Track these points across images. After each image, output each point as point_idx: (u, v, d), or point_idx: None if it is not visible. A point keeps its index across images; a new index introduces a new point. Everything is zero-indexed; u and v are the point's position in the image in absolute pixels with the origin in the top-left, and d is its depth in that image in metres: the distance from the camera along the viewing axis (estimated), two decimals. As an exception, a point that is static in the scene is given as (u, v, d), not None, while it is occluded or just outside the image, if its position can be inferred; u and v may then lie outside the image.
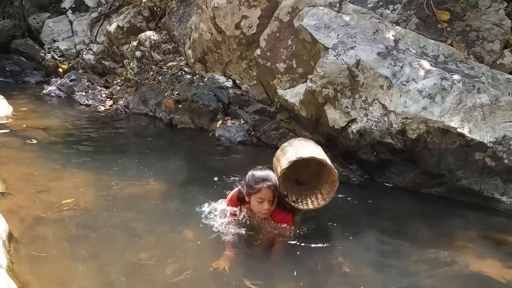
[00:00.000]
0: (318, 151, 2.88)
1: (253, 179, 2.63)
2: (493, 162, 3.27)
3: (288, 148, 2.93)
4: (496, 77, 3.66)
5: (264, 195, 2.60)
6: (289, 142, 3.09)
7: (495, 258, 2.68)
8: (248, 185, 2.64)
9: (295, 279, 2.41)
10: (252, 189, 2.61)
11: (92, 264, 2.47)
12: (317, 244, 2.75)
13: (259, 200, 2.62)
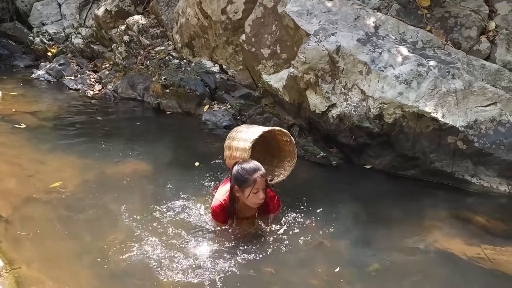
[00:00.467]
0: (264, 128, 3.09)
1: (245, 172, 2.62)
2: (464, 145, 3.41)
3: (239, 134, 3.08)
4: (471, 63, 3.78)
5: (259, 185, 2.60)
6: (235, 130, 3.24)
7: (461, 236, 2.84)
8: (241, 180, 2.62)
9: (276, 255, 2.55)
10: (247, 183, 2.60)
11: (76, 244, 2.61)
12: (297, 222, 2.90)
13: (254, 191, 2.61)
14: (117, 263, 2.41)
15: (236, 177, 2.64)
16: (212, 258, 2.48)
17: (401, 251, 2.74)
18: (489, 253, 2.59)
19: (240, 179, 2.62)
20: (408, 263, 2.64)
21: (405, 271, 2.54)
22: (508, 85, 3.62)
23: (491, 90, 3.47)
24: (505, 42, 3.89)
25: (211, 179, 3.47)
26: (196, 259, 2.46)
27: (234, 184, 2.66)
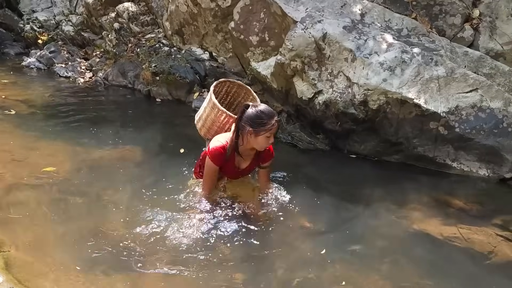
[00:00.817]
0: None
1: (264, 116, 2.57)
2: (446, 130, 3.50)
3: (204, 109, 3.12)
4: (455, 50, 3.84)
5: (273, 130, 2.62)
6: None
7: (438, 218, 2.93)
8: (258, 123, 2.56)
9: (261, 237, 2.62)
10: (264, 126, 2.56)
11: (65, 227, 2.66)
12: (283, 205, 2.97)
13: (268, 135, 2.61)
14: (105, 246, 2.47)
15: (254, 119, 2.57)
16: (197, 241, 2.55)
17: (382, 232, 2.83)
18: (465, 232, 2.69)
19: (258, 122, 2.56)
20: (389, 243, 2.72)
21: (385, 251, 2.62)
22: (489, 71, 3.69)
23: (472, 77, 3.55)
24: (488, 30, 3.95)
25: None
26: (183, 241, 2.53)
27: (247, 127, 2.59)
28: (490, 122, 3.42)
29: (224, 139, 2.75)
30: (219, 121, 2.99)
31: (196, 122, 3.21)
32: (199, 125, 3.18)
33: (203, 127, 3.13)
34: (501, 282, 2.30)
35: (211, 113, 3.00)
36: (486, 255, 2.51)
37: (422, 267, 2.45)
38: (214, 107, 2.95)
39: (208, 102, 3.05)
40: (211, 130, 3.07)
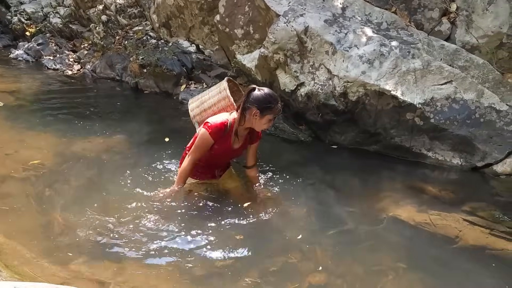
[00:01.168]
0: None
1: (272, 99, 2.69)
2: (421, 121, 3.63)
3: (205, 97, 3.19)
4: (432, 44, 3.97)
5: (278, 113, 2.76)
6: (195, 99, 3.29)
7: (411, 204, 3.07)
8: (265, 106, 2.66)
9: (243, 223, 2.72)
10: (271, 109, 2.67)
11: (51, 216, 2.74)
12: (264, 193, 3.08)
13: (271, 118, 2.72)
14: (93, 236, 2.54)
15: (261, 101, 2.66)
16: (181, 228, 2.65)
17: (358, 218, 2.95)
18: (434, 218, 2.83)
19: (266, 106, 2.66)
20: (363, 229, 2.84)
21: (360, 236, 2.74)
22: (464, 64, 3.82)
23: (447, 69, 3.68)
24: (464, 23, 4.07)
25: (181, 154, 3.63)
26: (167, 229, 2.62)
27: (254, 108, 2.67)
28: (463, 113, 3.56)
29: (224, 117, 2.80)
30: (219, 105, 3.05)
31: (191, 102, 3.24)
32: (193, 104, 3.19)
33: (197, 108, 3.16)
34: (464, 264, 2.44)
35: (215, 96, 3.06)
36: (453, 239, 2.65)
37: (395, 251, 2.57)
38: (221, 91, 3.03)
39: (217, 86, 3.13)
40: (205, 112, 3.10)
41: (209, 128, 2.73)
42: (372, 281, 2.28)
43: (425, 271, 2.38)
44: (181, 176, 2.86)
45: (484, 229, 2.70)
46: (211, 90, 3.17)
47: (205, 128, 2.75)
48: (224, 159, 3.10)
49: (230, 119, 2.79)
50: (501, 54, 3.99)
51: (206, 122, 2.78)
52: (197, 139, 2.80)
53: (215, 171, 3.11)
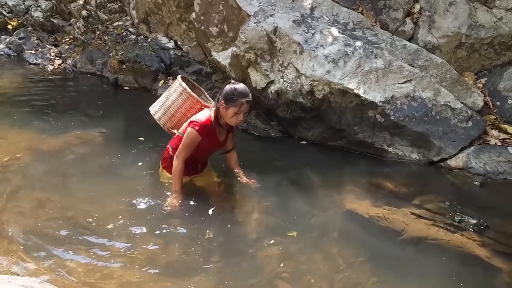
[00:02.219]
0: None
1: (236, 93, 2.82)
2: (382, 118, 3.83)
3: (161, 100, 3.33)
4: (394, 44, 4.15)
5: (243, 109, 2.85)
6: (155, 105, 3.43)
7: (368, 199, 3.25)
8: (229, 99, 2.82)
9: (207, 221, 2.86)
10: (234, 103, 2.81)
11: (31, 209, 2.90)
12: (229, 189, 3.28)
13: (238, 112, 2.85)
14: (69, 229, 2.69)
15: (226, 95, 2.83)
16: (156, 224, 2.81)
17: (318, 212, 3.11)
18: (386, 212, 3.04)
19: (229, 98, 2.82)
20: (323, 222, 3.01)
21: (319, 229, 2.90)
22: (424, 64, 4.02)
23: (407, 69, 3.87)
24: (427, 24, 4.26)
25: (155, 151, 3.80)
26: (144, 223, 2.79)
27: (221, 100, 2.86)
28: (421, 111, 3.76)
29: (207, 113, 2.95)
30: (185, 106, 3.14)
31: (155, 112, 3.34)
32: (159, 114, 3.30)
33: (164, 115, 3.26)
34: (408, 254, 2.64)
35: (178, 99, 3.15)
36: (399, 232, 2.85)
37: (349, 243, 2.73)
38: (182, 93, 3.12)
39: (174, 89, 3.20)
40: (173, 117, 3.22)
41: (195, 126, 2.87)
42: (327, 270, 2.45)
43: (374, 261, 2.55)
44: (177, 176, 2.99)
45: (428, 221, 2.91)
46: (170, 95, 3.24)
47: (191, 127, 2.88)
48: (210, 152, 3.26)
49: (212, 114, 2.94)
50: (460, 53, 4.19)
51: (192, 121, 2.92)
52: (185, 138, 2.92)
53: (198, 166, 3.28)
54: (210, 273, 2.38)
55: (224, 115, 2.91)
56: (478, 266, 2.52)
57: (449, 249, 2.66)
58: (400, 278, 2.42)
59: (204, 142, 2.96)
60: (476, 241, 2.71)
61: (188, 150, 2.97)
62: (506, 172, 3.51)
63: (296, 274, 2.42)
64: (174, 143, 3.13)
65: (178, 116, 3.21)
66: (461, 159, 3.65)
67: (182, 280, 2.32)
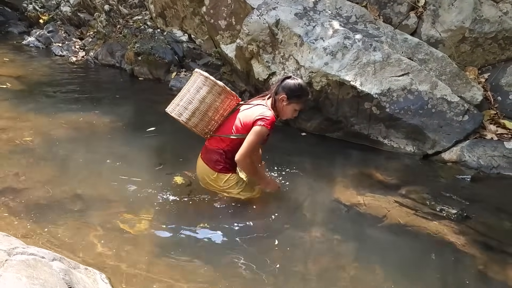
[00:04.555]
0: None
1: (302, 90, 2.75)
2: (378, 110, 3.87)
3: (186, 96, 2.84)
4: (395, 37, 4.17)
5: (303, 106, 2.84)
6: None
7: (355, 188, 3.31)
8: (295, 95, 2.72)
9: (207, 211, 2.92)
10: (299, 99, 2.75)
11: (44, 185, 3.13)
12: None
13: (297, 108, 2.78)
14: (76, 206, 2.87)
15: (291, 90, 2.72)
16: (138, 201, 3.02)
17: (306, 199, 3.19)
18: (367, 200, 3.09)
19: (294, 94, 2.72)
20: (309, 208, 3.12)
21: (304, 215, 3.00)
22: (424, 57, 4.01)
23: (405, 62, 3.88)
24: (430, 18, 4.25)
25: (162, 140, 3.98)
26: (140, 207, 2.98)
27: (283, 94, 2.72)
28: (417, 104, 3.77)
29: (267, 108, 2.74)
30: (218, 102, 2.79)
31: (179, 115, 2.78)
32: (186, 116, 2.77)
33: (193, 117, 2.77)
34: (388, 238, 2.70)
35: (208, 95, 2.75)
36: (381, 218, 2.91)
37: (334, 228, 2.80)
38: (213, 88, 2.74)
39: (199, 85, 2.75)
40: (205, 116, 2.79)
41: (267, 125, 2.65)
42: (312, 250, 2.56)
43: (356, 243, 2.65)
44: (254, 173, 2.84)
45: (410, 209, 2.95)
46: (195, 92, 2.76)
47: (264, 126, 2.64)
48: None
49: (270, 107, 2.77)
50: (464, 48, 4.16)
51: (261, 119, 2.65)
52: (256, 136, 2.65)
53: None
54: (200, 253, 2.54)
55: (282, 109, 2.79)
56: (452, 253, 2.55)
57: (425, 236, 2.70)
58: (374, 261, 2.48)
59: (268, 137, 2.78)
60: (453, 229, 2.73)
61: (255, 149, 2.81)
62: (500, 167, 3.48)
63: (279, 255, 2.52)
64: (226, 145, 2.81)
65: (211, 114, 2.80)
66: (455, 153, 3.64)
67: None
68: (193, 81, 2.80)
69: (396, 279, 2.32)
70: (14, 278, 1.28)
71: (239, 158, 2.67)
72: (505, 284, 2.31)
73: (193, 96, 2.76)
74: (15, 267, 1.34)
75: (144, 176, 3.33)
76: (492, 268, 2.42)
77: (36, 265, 1.43)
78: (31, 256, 1.49)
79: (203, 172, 2.92)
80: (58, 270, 1.53)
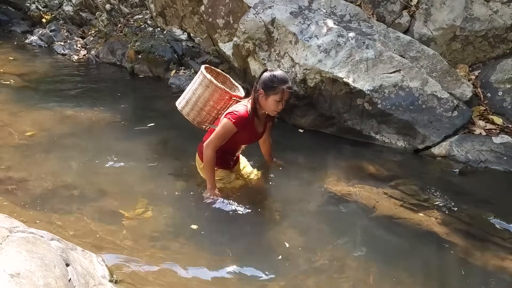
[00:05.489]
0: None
1: (276, 80, 2.65)
2: (370, 106, 3.96)
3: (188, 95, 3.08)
4: (388, 35, 4.27)
5: (284, 96, 2.68)
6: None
7: (347, 180, 3.41)
8: (269, 86, 2.65)
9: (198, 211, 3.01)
10: (274, 90, 2.64)
11: (44, 178, 3.25)
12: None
13: (278, 99, 2.67)
14: (75, 197, 2.99)
15: (266, 83, 2.67)
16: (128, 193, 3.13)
17: (298, 191, 3.29)
18: (358, 190, 3.20)
19: (269, 86, 2.66)
20: (301, 199, 3.22)
21: (301, 210, 3.07)
22: (415, 55, 4.11)
23: (397, 59, 3.98)
24: (423, 17, 4.35)
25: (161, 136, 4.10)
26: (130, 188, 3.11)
27: (260, 89, 2.69)
28: (408, 100, 3.87)
29: (244, 104, 2.79)
30: (213, 99, 2.93)
31: (182, 108, 3.07)
32: (186, 109, 3.04)
33: (193, 110, 3.01)
34: (374, 228, 2.80)
35: (205, 92, 2.93)
36: (371, 209, 3.00)
37: (322, 219, 2.93)
38: (209, 85, 2.90)
39: (199, 82, 2.97)
40: (202, 111, 2.99)
41: (233, 118, 2.70)
42: (302, 239, 2.65)
43: (345, 232, 2.75)
44: (209, 168, 2.85)
45: (398, 201, 3.05)
46: (196, 88, 2.99)
47: (228, 118, 2.71)
48: (252, 142, 3.10)
49: (249, 106, 2.79)
50: (455, 46, 4.26)
51: (229, 113, 2.74)
52: (219, 128, 2.76)
53: (230, 161, 3.13)
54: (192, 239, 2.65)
55: (264, 104, 2.75)
56: (435, 242, 2.65)
57: (411, 226, 2.80)
58: (361, 249, 2.58)
59: (242, 135, 2.82)
60: (437, 219, 2.83)
61: (220, 141, 2.80)
62: (487, 161, 3.57)
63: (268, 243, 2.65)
64: (208, 137, 2.93)
65: (207, 109, 2.98)
66: (444, 147, 3.74)
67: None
68: (195, 79, 3.05)
69: (381, 266, 2.43)
70: (14, 252, 1.39)
71: (204, 145, 2.81)
72: (485, 269, 2.41)
73: (192, 93, 3.02)
74: (16, 242, 1.45)
75: (142, 169, 3.45)
76: (474, 255, 2.52)
77: (35, 241, 1.54)
78: (31, 234, 1.60)
79: (196, 160, 3.12)
80: (56, 247, 1.64)
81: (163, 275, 2.23)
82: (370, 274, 2.37)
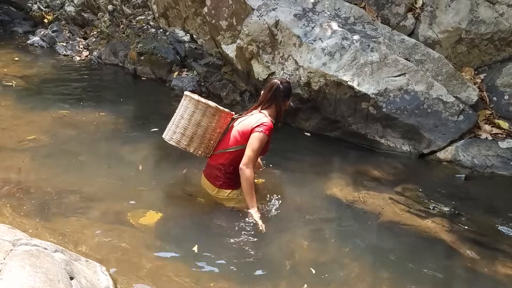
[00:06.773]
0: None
1: (290, 86, 2.99)
2: (375, 110, 3.93)
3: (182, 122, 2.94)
4: (393, 38, 4.23)
5: None
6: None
7: (352, 185, 3.39)
8: (289, 92, 2.95)
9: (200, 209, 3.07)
10: (291, 93, 3.01)
11: (47, 182, 3.22)
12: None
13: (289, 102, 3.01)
14: (78, 202, 2.97)
15: (287, 91, 2.90)
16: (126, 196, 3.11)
17: (303, 195, 3.28)
18: (363, 196, 3.17)
19: (290, 92, 2.95)
20: (304, 204, 3.19)
21: (304, 214, 3.04)
22: (421, 58, 4.07)
23: (402, 63, 3.95)
24: (428, 19, 4.31)
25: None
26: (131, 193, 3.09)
27: (284, 97, 2.89)
28: (413, 104, 3.83)
29: (265, 115, 2.83)
30: (214, 122, 2.88)
31: (178, 141, 2.91)
32: (184, 142, 2.90)
33: (193, 142, 2.89)
34: (380, 235, 2.78)
35: (203, 119, 2.85)
36: (376, 214, 2.98)
37: (328, 225, 2.91)
38: (206, 111, 2.83)
39: (192, 109, 2.85)
40: (204, 139, 2.90)
41: (266, 131, 2.72)
42: (305, 247, 2.63)
43: (351, 239, 2.73)
44: (251, 189, 2.76)
45: (404, 207, 3.03)
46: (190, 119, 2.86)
47: (262, 132, 2.71)
48: (262, 156, 3.12)
49: (269, 115, 2.86)
50: (460, 48, 4.22)
51: (259, 125, 2.73)
52: (256, 144, 2.72)
53: None
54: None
55: (284, 111, 2.98)
56: (442, 249, 2.63)
57: (417, 232, 2.78)
58: (367, 256, 2.56)
59: (266, 146, 2.85)
60: (444, 226, 2.80)
61: (258, 157, 2.83)
62: (494, 166, 3.54)
63: (271, 250, 2.62)
64: (225, 159, 2.87)
65: (208, 135, 2.92)
66: (449, 152, 3.70)
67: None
68: (185, 106, 2.89)
69: (388, 274, 2.40)
70: (18, 266, 1.37)
71: (243, 166, 2.70)
72: (493, 278, 2.38)
73: (188, 122, 2.86)
74: (19, 256, 1.43)
75: (146, 174, 3.42)
76: (481, 263, 2.49)
77: (39, 255, 1.51)
78: (34, 247, 1.58)
79: (205, 186, 3.04)
80: (59, 260, 1.61)
81: (168, 285, 2.21)
82: (376, 283, 2.34)
